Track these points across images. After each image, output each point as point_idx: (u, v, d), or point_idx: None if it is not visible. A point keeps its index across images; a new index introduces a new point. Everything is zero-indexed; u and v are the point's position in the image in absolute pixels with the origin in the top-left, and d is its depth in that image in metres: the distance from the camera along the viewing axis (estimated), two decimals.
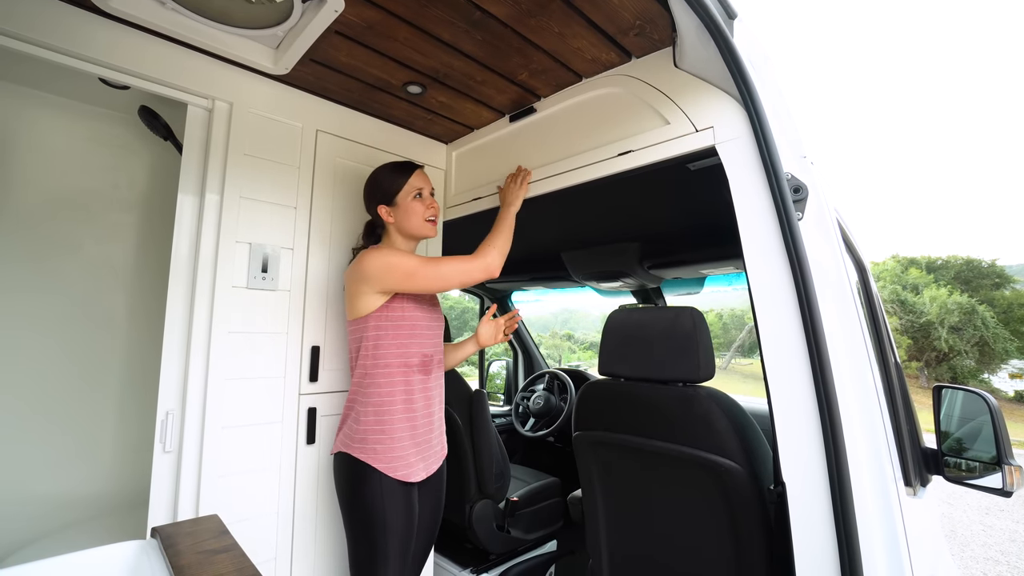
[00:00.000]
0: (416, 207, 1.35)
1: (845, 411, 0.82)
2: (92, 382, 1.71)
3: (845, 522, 0.78)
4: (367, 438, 1.24)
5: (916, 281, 22.08)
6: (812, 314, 0.85)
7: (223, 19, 1.15)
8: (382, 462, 1.22)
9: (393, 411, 1.25)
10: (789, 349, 0.89)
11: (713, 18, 0.92)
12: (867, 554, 0.78)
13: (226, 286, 1.28)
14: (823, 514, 0.83)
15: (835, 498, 0.80)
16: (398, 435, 1.25)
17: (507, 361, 3.46)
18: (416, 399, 1.29)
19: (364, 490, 1.22)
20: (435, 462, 1.35)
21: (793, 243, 0.88)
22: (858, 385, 0.87)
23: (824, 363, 0.83)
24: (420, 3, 1.09)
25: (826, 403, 0.82)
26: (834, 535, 0.80)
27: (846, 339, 0.88)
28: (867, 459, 0.83)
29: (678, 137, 1.15)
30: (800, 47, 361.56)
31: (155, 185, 1.88)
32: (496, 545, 1.88)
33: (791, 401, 0.88)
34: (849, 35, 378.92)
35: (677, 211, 1.78)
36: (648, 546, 1.26)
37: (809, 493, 0.85)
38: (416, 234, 1.38)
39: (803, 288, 0.86)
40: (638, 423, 1.23)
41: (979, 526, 5.00)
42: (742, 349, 26.95)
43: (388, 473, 1.21)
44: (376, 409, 1.25)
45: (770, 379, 0.92)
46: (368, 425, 1.25)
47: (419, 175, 1.38)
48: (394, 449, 1.24)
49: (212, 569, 0.59)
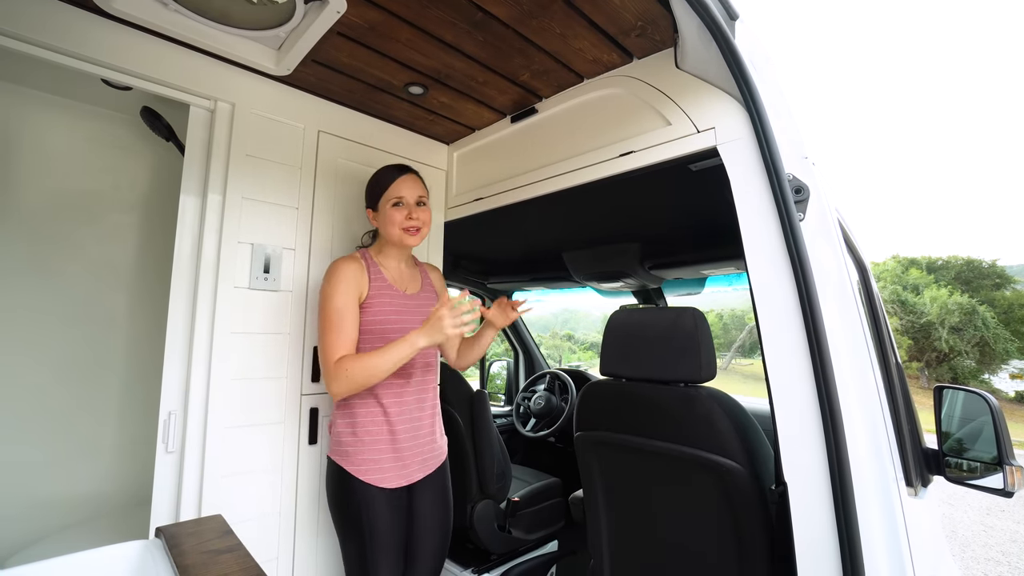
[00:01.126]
0: (394, 216, 1.30)
1: (846, 411, 0.83)
2: (94, 383, 1.71)
3: (847, 522, 0.78)
4: (342, 442, 1.26)
5: (917, 281, 22.08)
6: (813, 314, 0.85)
7: (225, 20, 1.15)
8: (356, 466, 1.23)
9: (364, 416, 1.25)
10: (790, 349, 0.89)
11: (715, 19, 0.92)
12: (868, 554, 0.78)
13: (228, 286, 1.28)
14: (825, 514, 0.83)
15: (836, 498, 0.80)
16: (370, 440, 1.24)
17: (508, 361, 3.46)
18: (388, 405, 1.27)
19: (344, 495, 1.24)
20: (418, 470, 1.31)
21: (795, 243, 0.88)
22: (859, 385, 0.87)
23: (825, 363, 0.83)
24: (422, 4, 1.09)
25: (827, 403, 0.82)
26: (836, 535, 0.80)
27: (847, 339, 0.88)
28: (868, 459, 0.83)
29: (679, 138, 1.15)
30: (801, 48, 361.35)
31: (157, 186, 1.88)
32: (497, 545, 1.89)
33: (792, 401, 0.89)
34: (850, 35, 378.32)
35: (678, 212, 1.78)
36: (649, 546, 1.26)
37: (810, 493, 0.85)
38: (394, 242, 1.34)
39: (804, 288, 0.86)
40: (640, 423, 1.23)
41: (980, 526, 5.00)
42: (742, 349, 26.95)
43: (360, 477, 1.22)
44: (349, 412, 1.26)
45: (771, 379, 0.92)
46: (343, 428, 1.26)
47: (403, 182, 1.33)
48: (364, 453, 1.24)
49: (217, 569, 0.59)
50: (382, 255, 1.38)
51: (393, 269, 1.38)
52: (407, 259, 1.45)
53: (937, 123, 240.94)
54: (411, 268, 1.46)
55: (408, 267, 1.44)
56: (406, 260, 1.44)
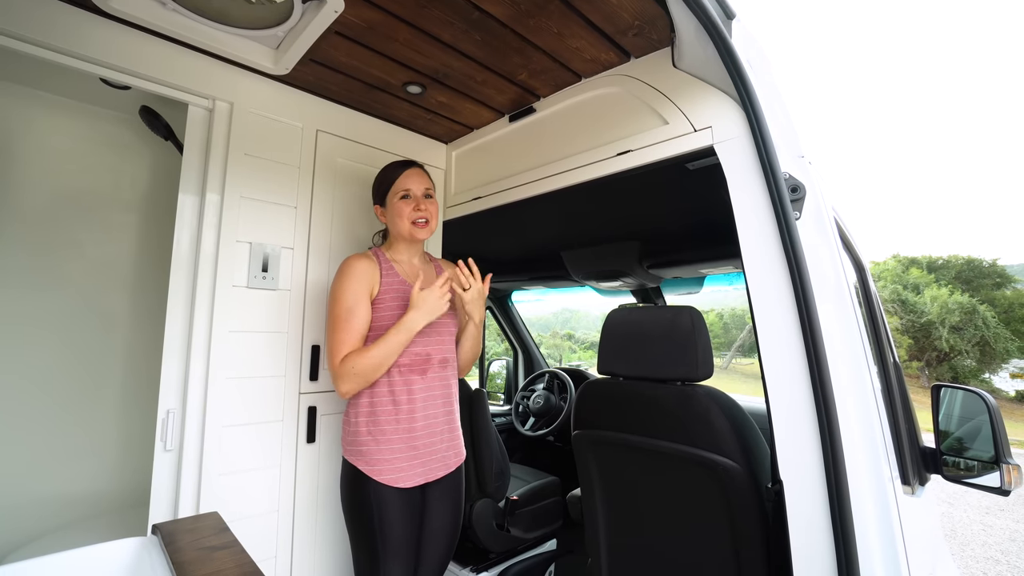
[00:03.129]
0: (402, 208, 1.31)
1: (842, 410, 0.83)
2: (93, 381, 1.72)
3: (842, 520, 0.78)
4: (357, 441, 1.23)
5: (917, 281, 22.05)
6: (810, 313, 0.85)
7: (223, 19, 1.16)
8: (371, 466, 1.20)
9: (381, 414, 1.23)
10: (787, 348, 0.90)
11: (711, 18, 0.92)
12: (863, 551, 0.78)
13: (227, 285, 1.29)
14: (820, 512, 0.83)
15: (832, 496, 0.80)
16: (386, 439, 1.22)
17: (507, 361, 3.46)
18: (403, 401, 1.24)
19: (358, 497, 1.21)
20: (440, 468, 1.29)
21: (791, 242, 0.88)
22: (855, 384, 0.87)
23: (821, 362, 0.83)
24: (420, 4, 1.09)
25: (823, 402, 0.82)
26: (831, 532, 0.81)
27: (844, 338, 0.89)
28: (864, 458, 0.84)
29: (676, 137, 1.15)
30: (798, 47, 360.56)
31: (156, 185, 1.88)
32: (496, 544, 1.89)
33: (789, 400, 0.89)
34: (848, 34, 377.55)
35: (676, 210, 1.78)
36: (646, 544, 1.26)
37: (806, 491, 0.85)
38: (404, 236, 1.33)
39: (801, 287, 0.87)
40: (637, 422, 1.23)
41: (979, 525, 5.00)
42: (743, 349, 26.93)
43: (376, 477, 1.19)
44: (367, 411, 1.24)
45: (768, 378, 0.92)
46: (359, 428, 1.24)
47: (409, 175, 1.34)
48: (381, 452, 1.21)
49: (212, 565, 0.59)
50: (393, 251, 1.38)
51: (405, 264, 1.37)
52: (419, 255, 1.43)
53: (937, 122, 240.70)
54: (425, 264, 1.44)
55: (422, 263, 1.42)
56: (419, 256, 1.42)
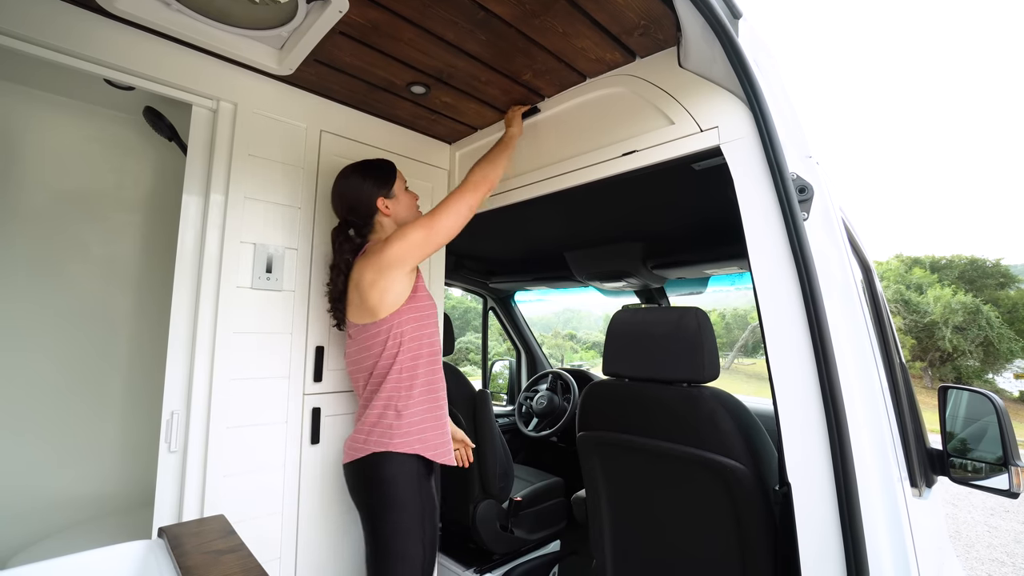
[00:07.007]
0: (411, 200, 1.42)
1: (850, 411, 0.82)
2: (97, 382, 1.71)
3: (851, 523, 0.78)
4: (412, 429, 1.22)
5: (920, 281, 21.97)
6: (817, 314, 0.85)
7: (227, 20, 1.15)
8: (400, 439, 1.20)
9: (438, 397, 1.30)
10: (794, 349, 0.89)
11: (718, 18, 0.92)
12: (873, 554, 0.78)
13: (231, 286, 1.28)
14: (829, 515, 0.82)
15: (840, 499, 0.79)
16: (443, 421, 1.30)
17: (510, 361, 3.46)
18: (438, 388, 1.31)
19: (413, 486, 1.20)
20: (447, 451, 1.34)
21: (799, 243, 0.88)
22: (863, 385, 0.87)
23: (829, 363, 0.83)
24: (424, 3, 1.09)
25: (831, 403, 0.82)
26: (840, 535, 0.80)
27: (851, 339, 0.88)
28: (873, 460, 0.83)
29: (683, 137, 1.15)
30: (805, 46, 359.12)
31: (160, 186, 1.88)
32: (499, 545, 1.88)
33: (796, 401, 0.88)
34: (855, 34, 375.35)
35: (681, 211, 1.77)
36: (652, 547, 1.25)
37: (814, 493, 0.85)
38: None
39: (808, 288, 0.86)
40: (642, 423, 1.22)
41: (984, 527, 4.98)
42: (745, 349, 26.87)
43: (402, 450, 1.20)
44: (426, 398, 1.26)
45: (775, 379, 0.91)
46: (416, 416, 1.23)
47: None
48: (444, 435, 1.29)
49: (219, 569, 0.59)
50: None
51: None
52: None
53: (941, 122, 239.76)
54: None
55: None
56: None
